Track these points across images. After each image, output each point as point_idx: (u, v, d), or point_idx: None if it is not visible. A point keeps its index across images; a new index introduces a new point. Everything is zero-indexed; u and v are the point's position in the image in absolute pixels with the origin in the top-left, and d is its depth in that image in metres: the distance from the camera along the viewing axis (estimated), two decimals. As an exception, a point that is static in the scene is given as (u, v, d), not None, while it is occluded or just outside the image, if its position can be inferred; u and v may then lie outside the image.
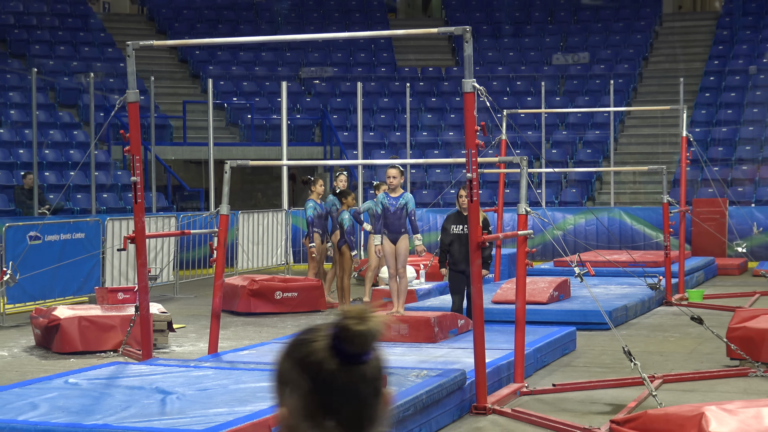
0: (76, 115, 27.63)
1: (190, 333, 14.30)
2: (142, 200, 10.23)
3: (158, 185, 25.39)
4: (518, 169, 10.69)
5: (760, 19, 32.36)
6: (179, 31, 32.44)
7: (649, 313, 15.98)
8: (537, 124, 28.01)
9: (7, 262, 14.82)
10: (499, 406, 9.37)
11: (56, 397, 7.89)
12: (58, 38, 31.06)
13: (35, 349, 13.07)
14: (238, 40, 26.20)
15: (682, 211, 18.05)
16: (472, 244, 9.31)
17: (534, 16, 34.75)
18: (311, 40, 31.73)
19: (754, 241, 22.74)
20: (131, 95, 10.24)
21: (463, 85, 9.17)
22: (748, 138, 27.62)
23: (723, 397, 9.68)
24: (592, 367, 11.57)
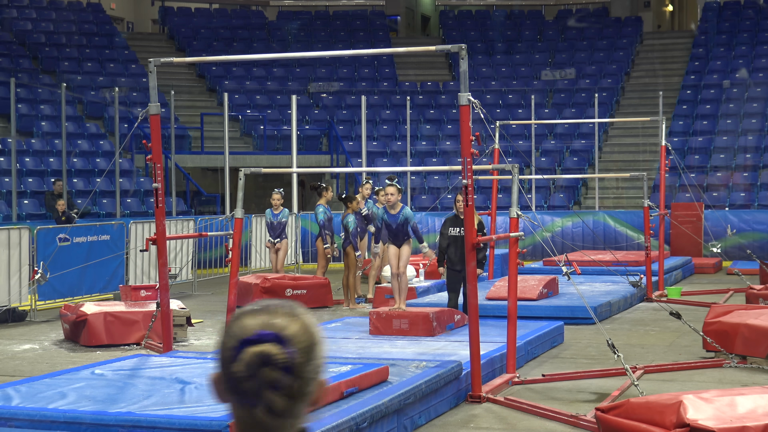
0: (102, 127, 27.65)
1: (207, 327, 14.30)
2: (163, 205, 10.23)
3: (178, 191, 25.40)
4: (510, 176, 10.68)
5: (732, 37, 32.38)
6: (197, 49, 32.46)
7: (631, 308, 15.96)
8: (527, 135, 28.00)
9: (38, 262, 14.84)
10: (492, 394, 9.37)
11: (83, 387, 7.88)
12: (85, 55, 31.08)
13: (64, 342, 13.07)
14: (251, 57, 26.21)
15: (661, 215, 18.04)
16: (467, 245, 9.31)
17: (524, 34, 34.78)
18: (319, 57, 31.73)
19: (728, 242, 22.71)
20: (153, 108, 10.24)
21: (459, 99, 9.18)
22: (722, 147, 27.61)
23: (700, 386, 9.67)
24: (578, 359, 11.56)
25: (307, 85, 32.20)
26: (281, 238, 17.71)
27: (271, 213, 17.50)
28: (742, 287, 16.35)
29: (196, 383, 7.87)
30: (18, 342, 13.19)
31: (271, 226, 17.47)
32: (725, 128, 28.36)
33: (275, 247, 17.60)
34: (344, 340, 11.30)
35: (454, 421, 8.65)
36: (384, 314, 12.19)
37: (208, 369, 8.53)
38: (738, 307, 12.15)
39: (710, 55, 31.78)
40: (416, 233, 13.47)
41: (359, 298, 16.59)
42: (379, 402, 7.70)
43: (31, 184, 23.51)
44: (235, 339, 2.24)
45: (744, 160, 26.88)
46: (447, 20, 36.39)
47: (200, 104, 30.74)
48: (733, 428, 6.24)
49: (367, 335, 11.73)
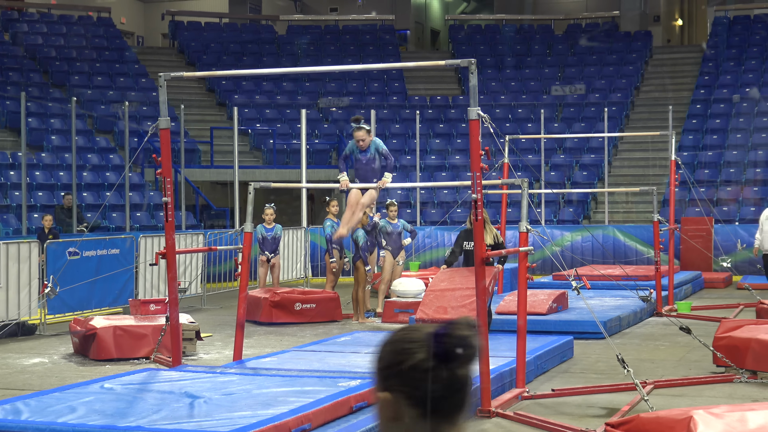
0: (112, 141, 27.72)
1: (217, 341, 14.30)
2: (173, 219, 10.24)
3: (187, 205, 25.44)
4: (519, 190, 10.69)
5: (742, 52, 32.39)
6: (207, 63, 32.56)
7: (641, 323, 15.94)
8: (537, 149, 28.00)
9: (48, 276, 14.86)
10: (502, 409, 9.35)
11: (93, 401, 7.89)
12: (95, 70, 31.18)
13: (73, 356, 13.08)
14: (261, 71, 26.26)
15: (671, 229, 18.02)
16: (477, 259, 9.30)
17: (534, 49, 34.81)
18: (328, 72, 31.76)
19: (738, 257, 22.68)
20: (163, 122, 10.26)
21: (468, 113, 9.18)
22: (732, 161, 27.59)
23: (710, 401, 9.65)
24: (588, 374, 11.54)
25: (316, 99, 32.25)
26: (275, 253, 17.81)
27: (264, 228, 17.58)
28: (753, 302, 16.30)
29: (206, 397, 7.87)
30: (27, 356, 13.20)
31: (263, 241, 17.56)
32: (735, 143, 28.35)
33: (270, 263, 17.72)
34: (354, 355, 11.29)
35: (463, 436, 8.63)
36: (430, 319, 12.42)
37: (217, 383, 8.54)
38: (748, 322, 12.13)
39: (720, 69, 31.77)
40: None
41: (369, 313, 16.59)
42: (389, 417, 7.68)
43: (41, 198, 23.57)
44: (420, 334, 2.34)
45: (754, 174, 26.85)
46: (456, 35, 36.43)
47: (210, 118, 30.81)
48: (744, 444, 6.22)
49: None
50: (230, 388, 8.28)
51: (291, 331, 15.32)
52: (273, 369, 9.86)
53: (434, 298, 13.24)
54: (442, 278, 13.76)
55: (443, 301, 13.12)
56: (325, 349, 11.90)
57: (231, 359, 11.61)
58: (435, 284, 13.72)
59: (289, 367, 10.22)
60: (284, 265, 21.22)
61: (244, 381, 8.67)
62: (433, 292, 13.47)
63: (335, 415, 7.56)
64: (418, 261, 23.08)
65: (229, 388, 8.32)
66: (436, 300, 13.18)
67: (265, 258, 17.84)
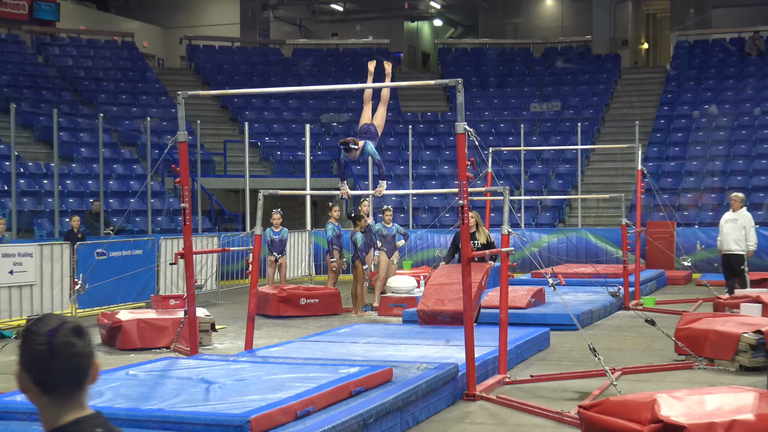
0: (135, 152, 27.73)
1: (230, 333, 14.32)
2: (190, 222, 10.26)
3: (203, 210, 25.45)
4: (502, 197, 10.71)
5: (701, 73, 32.46)
6: (221, 83, 32.58)
7: (611, 316, 15.97)
8: (517, 160, 28.04)
9: (78, 274, 14.88)
10: (486, 393, 9.37)
11: (119, 386, 7.90)
12: (120, 89, 31.20)
13: (101, 346, 13.09)
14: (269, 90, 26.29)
15: (637, 232, 18.06)
16: (463, 259, 9.32)
17: (515, 70, 34.87)
18: (330, 90, 31.79)
19: (697, 257, 22.72)
20: (181, 136, 10.27)
21: (456, 127, 9.20)
22: (692, 171, 27.64)
23: (672, 386, 9.67)
24: (563, 361, 11.56)
25: (319, 115, 32.28)
26: (282, 254, 17.88)
27: (272, 231, 17.64)
28: (710, 297, 16.34)
29: (220, 383, 7.88)
30: (60, 346, 13.20)
31: (271, 243, 17.64)
32: (695, 154, 28.40)
33: (278, 262, 17.79)
34: (352, 344, 11.31)
35: (451, 417, 8.66)
36: (430, 311, 12.96)
37: (230, 370, 8.56)
38: (706, 315, 12.16)
39: (681, 88, 31.84)
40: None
41: (366, 307, 16.62)
42: (384, 400, 7.71)
43: (71, 204, 23.57)
44: (44, 327, 2.61)
45: (712, 183, 26.90)
46: (445, 57, 36.48)
47: (223, 132, 30.83)
48: (702, 424, 6.24)
49: (375, 339, 11.75)
50: (242, 375, 8.30)
51: (296, 324, 15.34)
52: (280, 357, 9.88)
53: (433, 291, 13.38)
54: (440, 273, 13.84)
55: (441, 294, 13.25)
56: (327, 339, 11.92)
57: (243, 349, 11.63)
58: (434, 279, 13.79)
59: (295, 355, 10.24)
60: (290, 264, 21.25)
61: (255, 368, 8.69)
62: (432, 286, 13.55)
63: (336, 399, 7.57)
64: (410, 260, 23.10)
65: (241, 374, 8.33)
66: (435, 293, 13.31)
67: (273, 258, 17.89)
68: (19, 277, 14.57)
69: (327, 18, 42.38)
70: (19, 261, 14.62)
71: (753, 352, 10.70)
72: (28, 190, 23.36)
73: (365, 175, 26.10)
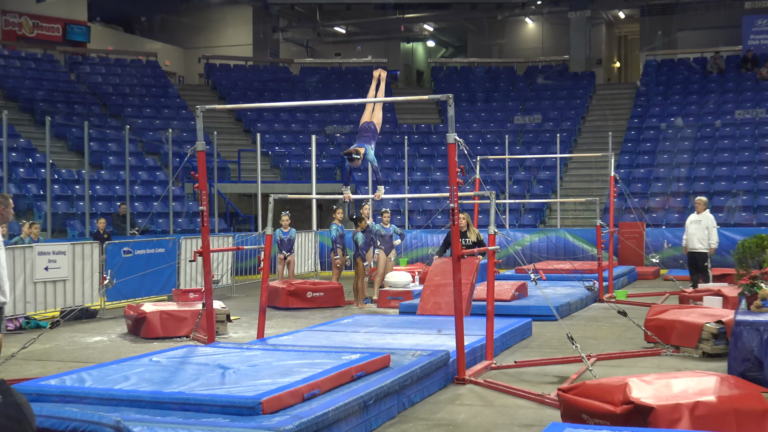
0: (158, 160, 27.72)
1: (243, 323, 14.31)
2: (207, 224, 10.26)
3: (219, 212, 25.45)
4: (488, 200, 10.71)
5: (668, 88, 32.47)
6: (235, 98, 32.56)
7: (587, 308, 15.97)
8: (502, 167, 28.05)
9: (107, 270, 14.88)
10: (474, 377, 9.37)
11: (143, 372, 7.89)
12: (145, 103, 31.18)
13: (127, 335, 13.10)
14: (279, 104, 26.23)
15: (610, 232, 18.07)
16: (453, 257, 9.32)
17: (500, 86, 34.87)
18: (334, 104, 31.81)
19: (664, 254, 22.74)
20: (199, 145, 10.27)
21: (447, 138, 9.20)
22: (660, 177, 27.65)
23: (642, 371, 9.68)
24: (544, 349, 11.56)
25: (324, 127, 32.27)
26: (290, 252, 17.88)
27: (281, 232, 17.65)
28: (676, 290, 16.36)
29: (235, 368, 7.88)
30: (90, 335, 13.21)
31: (281, 242, 17.65)
32: (662, 162, 28.41)
33: (286, 260, 17.80)
34: (354, 334, 11.31)
35: (443, 399, 8.66)
36: (430, 304, 13.24)
37: (244, 357, 8.55)
38: (673, 306, 12.17)
39: (650, 103, 31.84)
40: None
41: (366, 299, 16.62)
42: (383, 384, 7.71)
43: (101, 207, 23.56)
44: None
45: (678, 187, 26.90)
46: (437, 75, 36.47)
47: (237, 142, 30.81)
48: (669, 405, 6.25)
49: (374, 329, 11.74)
50: (254, 361, 8.29)
51: (303, 315, 15.34)
52: (289, 345, 9.87)
53: (430, 294, 13.44)
54: (435, 272, 13.84)
55: (437, 297, 13.32)
56: (331, 329, 11.92)
57: (255, 337, 11.63)
58: (430, 279, 13.80)
59: (302, 343, 10.24)
60: (298, 261, 21.24)
61: (266, 355, 8.69)
62: (429, 288, 13.58)
63: (339, 383, 7.57)
64: (406, 258, 23.10)
65: (253, 360, 8.33)
66: (432, 296, 13.39)
67: (282, 256, 17.88)
68: (53, 273, 14.56)
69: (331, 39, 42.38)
70: (53, 258, 14.61)
71: (715, 341, 10.71)
72: (61, 195, 23.34)
73: (365, 180, 26.10)
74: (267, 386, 7.03)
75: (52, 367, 10.49)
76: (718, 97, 31.09)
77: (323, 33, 41.92)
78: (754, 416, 6.42)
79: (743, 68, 32.22)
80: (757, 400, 6.55)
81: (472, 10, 37.02)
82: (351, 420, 7.11)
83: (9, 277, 9.66)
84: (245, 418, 6.51)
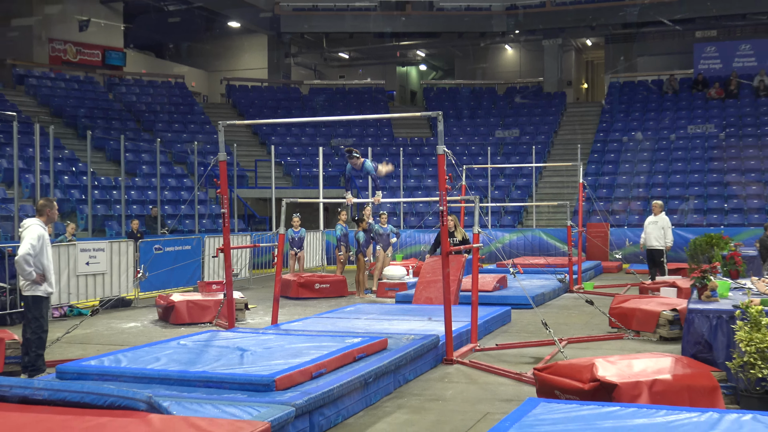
0: (185, 169, 27.70)
1: (260, 311, 14.30)
2: (228, 224, 10.25)
3: (239, 214, 25.43)
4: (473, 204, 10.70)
5: (629, 107, 32.50)
6: (252, 114, 32.55)
7: (559, 297, 15.96)
8: (485, 175, 28.05)
9: (140, 265, 14.86)
10: (461, 358, 9.36)
11: (172, 353, 7.89)
12: (173, 119, 31.16)
13: (158, 321, 13.08)
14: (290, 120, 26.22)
15: (579, 231, 18.07)
16: (443, 254, 9.32)
17: (483, 105, 34.86)
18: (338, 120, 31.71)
19: (626, 251, 22.74)
20: (221, 156, 10.27)
21: (437, 149, 9.20)
22: (622, 184, 27.66)
23: (607, 352, 9.67)
24: (521, 333, 11.56)
25: (330, 140, 32.25)
26: (301, 248, 17.89)
27: (292, 231, 17.69)
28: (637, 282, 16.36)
29: (252, 350, 7.87)
30: (125, 321, 13.20)
31: (292, 240, 17.69)
32: (624, 170, 28.42)
33: (297, 256, 17.82)
34: (356, 320, 11.30)
35: (433, 377, 8.65)
36: (423, 297, 13.27)
37: (260, 340, 8.54)
38: (634, 296, 12.17)
39: (614, 119, 31.85)
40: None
41: (367, 290, 16.60)
42: (381, 364, 7.70)
43: (135, 209, 23.54)
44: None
45: (638, 193, 26.91)
46: (428, 94, 36.47)
47: (254, 153, 30.79)
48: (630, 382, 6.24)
49: (373, 316, 11.73)
50: (269, 344, 8.29)
51: (312, 304, 15.32)
52: (299, 330, 9.86)
53: (423, 289, 13.43)
54: (427, 270, 13.81)
55: (429, 292, 13.28)
56: (336, 316, 11.91)
57: (270, 323, 11.61)
58: (423, 275, 13.78)
59: (310, 329, 10.23)
60: (307, 257, 21.23)
61: (279, 339, 8.68)
62: (422, 284, 13.57)
63: (343, 363, 7.56)
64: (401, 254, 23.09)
65: (268, 344, 8.32)
66: (425, 291, 13.37)
67: (293, 252, 17.87)
68: (93, 267, 14.55)
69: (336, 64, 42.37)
70: (93, 255, 14.59)
71: (670, 326, 10.71)
72: (100, 199, 23.32)
73: (366, 186, 26.09)
74: (280, 366, 7.02)
75: (92, 349, 10.47)
76: (673, 114, 31.11)
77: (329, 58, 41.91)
78: (704, 391, 6.42)
79: (694, 89, 32.24)
80: (706, 378, 6.55)
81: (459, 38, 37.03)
82: (353, 395, 7.10)
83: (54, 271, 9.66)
84: (261, 394, 6.50)
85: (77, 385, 5.60)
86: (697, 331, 7.41)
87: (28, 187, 21.57)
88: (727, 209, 25.35)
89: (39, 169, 19.14)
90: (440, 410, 7.25)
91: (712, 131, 29.48)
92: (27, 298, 8.66)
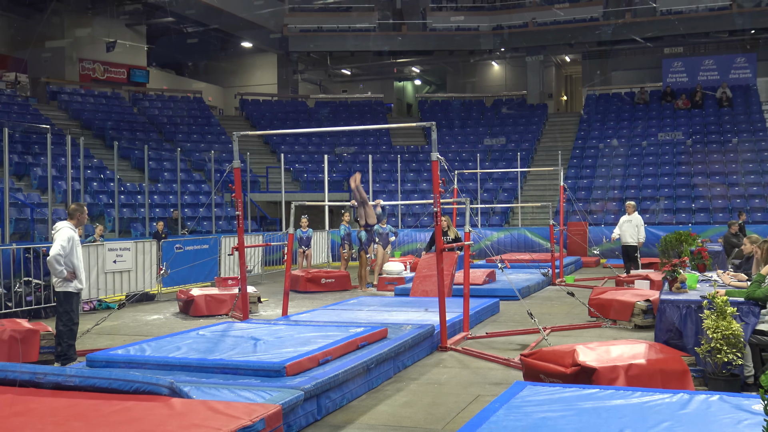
0: (203, 176, 27.67)
1: (271, 304, 14.27)
2: (242, 225, 10.24)
3: (252, 216, 25.40)
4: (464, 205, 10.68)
5: (605, 116, 32.49)
6: (264, 126, 32.53)
7: (542, 290, 15.95)
8: (475, 179, 28.02)
9: (163, 263, 14.83)
10: (454, 345, 9.34)
11: (191, 343, 7.87)
12: (192, 130, 31.14)
13: (179, 314, 13.05)
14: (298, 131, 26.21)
15: (561, 230, 18.06)
16: (437, 251, 9.30)
17: (472, 115, 34.84)
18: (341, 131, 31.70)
19: (603, 247, 22.71)
20: (235, 164, 10.26)
21: (431, 156, 9.19)
22: (599, 186, 27.64)
23: (586, 340, 9.65)
24: (509, 323, 11.54)
25: (334, 148, 32.24)
26: (308, 247, 17.88)
27: (301, 231, 17.68)
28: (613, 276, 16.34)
29: (264, 340, 7.85)
30: (149, 314, 13.17)
31: (301, 240, 17.68)
32: (601, 174, 28.40)
33: (305, 253, 17.81)
34: (359, 311, 11.29)
35: (429, 363, 8.63)
36: (420, 291, 13.24)
37: (271, 330, 8.52)
38: (611, 288, 12.16)
39: (591, 128, 31.84)
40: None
41: (368, 284, 16.57)
42: (382, 351, 7.68)
43: (158, 212, 23.51)
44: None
45: (613, 194, 26.89)
46: (423, 106, 36.45)
47: (266, 161, 30.77)
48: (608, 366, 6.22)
49: (374, 307, 11.70)
50: (280, 334, 8.27)
51: (319, 297, 15.30)
52: (307, 321, 9.84)
53: (419, 283, 13.43)
54: (423, 265, 13.79)
55: (425, 285, 13.27)
56: (340, 308, 11.89)
57: (280, 315, 11.59)
58: (420, 270, 13.76)
59: (317, 319, 10.21)
60: (314, 254, 21.20)
61: (289, 329, 8.66)
62: (419, 278, 13.55)
63: (347, 351, 7.54)
64: (399, 251, 23.07)
65: (279, 333, 8.30)
66: (421, 285, 13.37)
67: (302, 250, 17.85)
68: (120, 265, 14.52)
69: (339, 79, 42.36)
70: (120, 254, 14.57)
71: (644, 315, 10.69)
72: (126, 203, 23.29)
73: (367, 190, 26.04)
74: (290, 354, 7.00)
75: (119, 339, 10.45)
76: (644, 123, 31.10)
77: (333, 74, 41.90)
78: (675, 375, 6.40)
79: (663, 100, 32.25)
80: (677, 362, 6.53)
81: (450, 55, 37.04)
82: (357, 380, 7.08)
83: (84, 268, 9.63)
84: (273, 379, 6.48)
85: (105, 372, 5.58)
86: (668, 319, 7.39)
87: (61, 192, 21.55)
88: (694, 209, 25.35)
89: (70, 177, 19.11)
90: (436, 393, 7.23)
91: (680, 138, 29.49)
92: (59, 294, 8.65)
